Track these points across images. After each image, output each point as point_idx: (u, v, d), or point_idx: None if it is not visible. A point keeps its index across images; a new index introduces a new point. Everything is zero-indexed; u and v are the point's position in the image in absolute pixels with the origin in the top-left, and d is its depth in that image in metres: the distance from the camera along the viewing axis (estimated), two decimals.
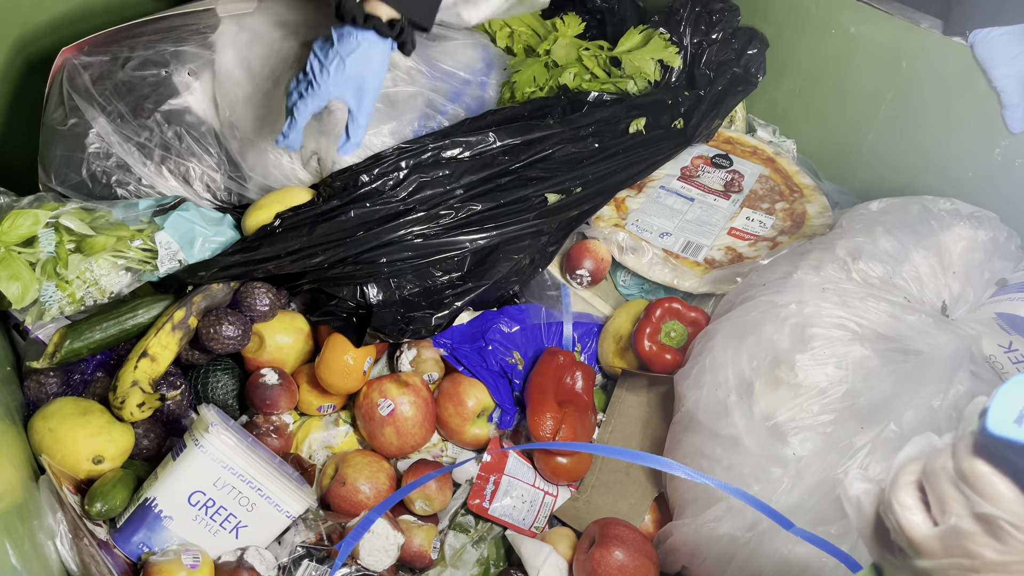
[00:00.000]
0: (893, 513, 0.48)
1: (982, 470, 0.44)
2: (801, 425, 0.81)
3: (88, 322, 0.98)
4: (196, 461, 0.88)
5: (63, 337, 0.96)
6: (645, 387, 1.07)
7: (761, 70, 1.28)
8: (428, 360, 1.07)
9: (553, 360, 1.07)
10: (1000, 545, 0.43)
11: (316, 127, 1.04)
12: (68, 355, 0.96)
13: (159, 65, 1.04)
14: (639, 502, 0.99)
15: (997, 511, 0.43)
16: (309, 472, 1.00)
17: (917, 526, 0.47)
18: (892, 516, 0.48)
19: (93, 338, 0.98)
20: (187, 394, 1.03)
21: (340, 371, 1.00)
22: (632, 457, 0.71)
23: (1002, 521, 0.43)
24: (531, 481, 1.01)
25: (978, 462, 0.44)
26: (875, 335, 0.83)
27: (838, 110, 1.24)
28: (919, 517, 0.47)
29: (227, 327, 0.99)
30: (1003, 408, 0.43)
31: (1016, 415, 0.42)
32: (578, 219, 1.15)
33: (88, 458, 0.92)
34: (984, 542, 0.44)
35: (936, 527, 0.46)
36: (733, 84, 1.26)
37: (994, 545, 0.43)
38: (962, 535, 0.44)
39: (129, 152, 1.04)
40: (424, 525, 0.97)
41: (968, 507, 0.44)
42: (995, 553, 0.43)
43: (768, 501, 0.79)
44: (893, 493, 0.48)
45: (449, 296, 1.04)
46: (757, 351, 0.86)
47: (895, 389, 0.79)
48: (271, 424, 1.02)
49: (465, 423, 1.04)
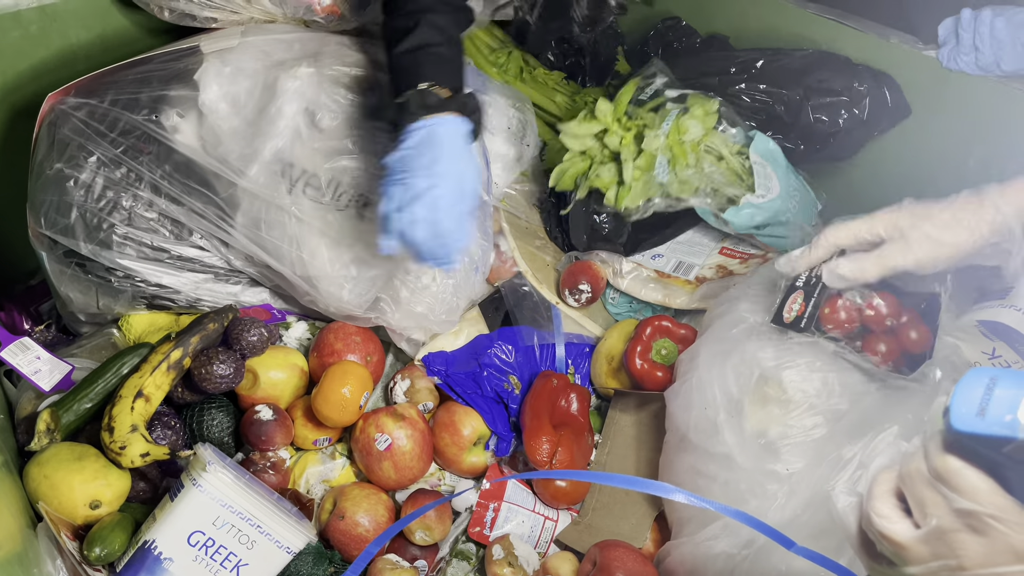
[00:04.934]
0: (873, 525, 0.49)
1: (954, 466, 0.44)
2: (793, 441, 0.82)
3: (75, 396, 0.98)
4: (195, 501, 0.88)
5: (54, 416, 0.96)
6: (639, 406, 1.08)
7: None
8: (423, 390, 1.08)
9: (547, 383, 1.07)
10: (983, 538, 0.44)
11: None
12: (65, 432, 0.96)
13: (146, 108, 1.05)
14: (640, 522, 1.00)
15: (975, 505, 0.44)
16: (308, 507, 1.00)
17: (899, 533, 0.47)
18: (873, 528, 0.49)
19: (84, 408, 0.98)
20: (182, 433, 1.03)
21: (337, 404, 1.00)
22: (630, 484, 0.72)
23: (982, 514, 0.43)
24: (531, 507, 1.01)
25: (949, 458, 0.45)
26: None
27: None
28: (899, 525, 0.48)
29: (219, 366, 0.99)
30: (964, 404, 0.44)
31: (976, 408, 0.43)
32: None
33: (85, 503, 0.91)
34: (967, 538, 0.44)
35: (918, 531, 0.47)
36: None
37: (977, 540, 0.44)
38: (945, 534, 0.45)
39: (119, 195, 1.04)
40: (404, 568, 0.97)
41: (947, 505, 0.45)
42: (980, 547, 0.44)
43: (764, 517, 0.80)
44: (870, 505, 0.49)
45: None
46: (742, 369, 0.87)
47: (882, 403, 0.80)
48: (267, 460, 1.02)
49: (462, 452, 1.04)
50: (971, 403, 0.43)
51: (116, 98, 1.06)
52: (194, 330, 1.01)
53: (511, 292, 1.18)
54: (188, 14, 1.11)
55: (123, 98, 1.05)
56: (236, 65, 1.07)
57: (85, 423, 0.99)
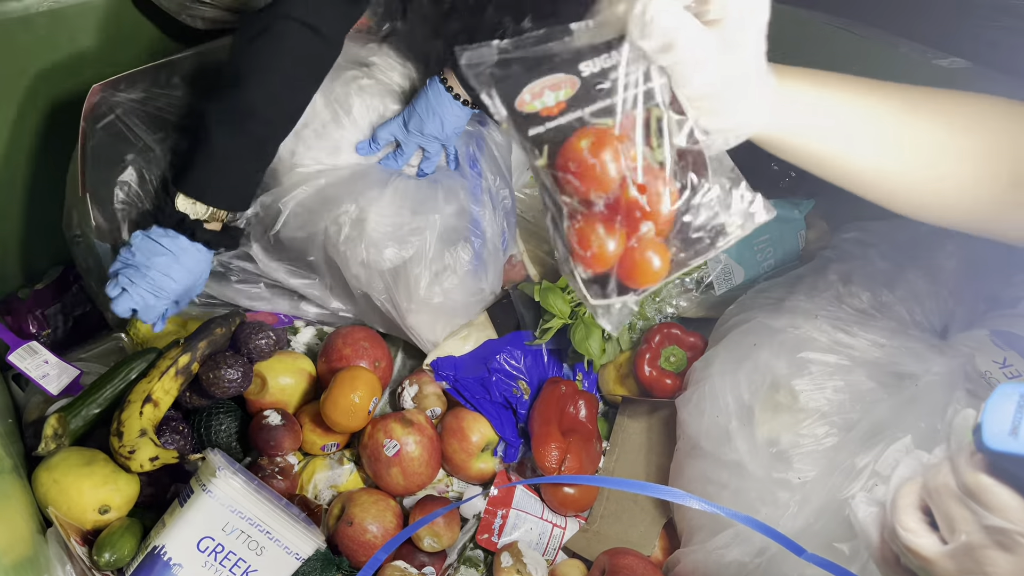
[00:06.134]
0: (899, 538, 0.48)
1: (985, 483, 0.44)
2: (804, 450, 0.82)
3: (83, 400, 0.98)
4: (204, 506, 0.88)
5: (61, 421, 0.96)
6: (647, 413, 1.08)
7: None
8: (431, 395, 1.08)
9: (555, 390, 1.07)
10: (1012, 556, 0.43)
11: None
12: (73, 437, 0.96)
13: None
14: (648, 530, 1.00)
15: (1006, 522, 0.43)
16: (316, 513, 1.00)
17: (926, 548, 0.47)
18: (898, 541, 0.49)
19: (92, 413, 0.98)
20: (190, 438, 1.03)
21: (347, 410, 1.00)
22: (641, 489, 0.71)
23: (1013, 532, 0.43)
24: (539, 514, 1.01)
25: (981, 475, 0.44)
26: (869, 359, 0.85)
27: None
28: (926, 539, 0.47)
29: (227, 371, 0.99)
30: (996, 422, 0.44)
31: (1010, 427, 0.43)
32: None
33: (94, 508, 0.91)
34: (996, 555, 0.44)
35: (946, 546, 0.46)
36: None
37: (1006, 557, 0.44)
38: (974, 550, 0.45)
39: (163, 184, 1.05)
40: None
41: (976, 522, 0.45)
42: (1009, 564, 0.44)
43: (776, 525, 0.80)
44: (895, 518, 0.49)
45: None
46: (755, 376, 0.87)
47: (894, 412, 0.80)
48: (276, 466, 1.02)
49: (470, 458, 1.04)
50: (1003, 421, 0.43)
51: (172, 91, 1.07)
52: (202, 335, 1.01)
53: (520, 296, 1.18)
54: (220, 20, 1.13)
55: (177, 92, 1.07)
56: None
57: (93, 428, 0.99)
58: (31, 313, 1.25)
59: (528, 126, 0.49)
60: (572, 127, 0.49)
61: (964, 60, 1.08)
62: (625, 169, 0.49)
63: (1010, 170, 0.60)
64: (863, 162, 0.60)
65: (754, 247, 1.10)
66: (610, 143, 0.48)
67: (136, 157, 1.03)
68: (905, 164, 0.60)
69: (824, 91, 0.58)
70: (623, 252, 0.51)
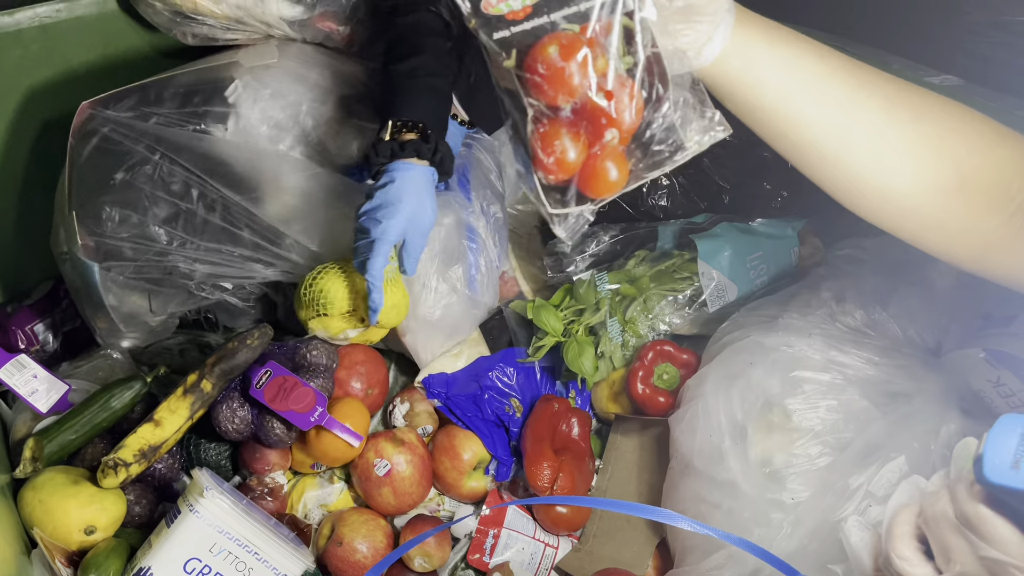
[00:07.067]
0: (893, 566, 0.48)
1: (984, 514, 0.44)
2: (798, 470, 0.82)
3: (60, 426, 0.96)
4: (191, 527, 0.86)
5: (39, 443, 0.94)
6: (640, 431, 1.07)
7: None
8: (422, 413, 1.07)
9: (548, 408, 1.07)
10: None
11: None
12: (47, 461, 0.95)
13: (195, 118, 1.05)
14: (641, 550, 0.99)
15: (1003, 555, 0.43)
16: (305, 533, 0.99)
17: None
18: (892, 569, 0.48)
19: (68, 439, 0.96)
20: (179, 457, 1.02)
21: (337, 448, 0.99)
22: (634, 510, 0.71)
23: (1009, 564, 0.43)
24: (531, 533, 1.00)
25: (979, 506, 0.44)
26: (863, 378, 0.84)
27: None
28: (921, 569, 0.47)
29: (224, 411, 0.97)
30: (997, 454, 0.43)
31: (1011, 460, 0.42)
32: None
33: (80, 528, 0.90)
34: None
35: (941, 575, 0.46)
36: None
37: None
38: None
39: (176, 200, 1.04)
40: None
41: (973, 553, 0.44)
42: None
43: (769, 546, 0.79)
44: (891, 546, 0.48)
45: None
46: (748, 395, 0.87)
47: (888, 431, 0.79)
48: (265, 486, 1.01)
49: (462, 476, 1.03)
50: (1004, 454, 0.42)
51: (163, 109, 1.06)
52: (216, 351, 1.00)
53: (513, 314, 1.18)
54: (211, 37, 1.12)
55: (168, 111, 1.06)
56: (275, 88, 1.08)
57: (69, 455, 0.97)
58: (20, 328, 1.24)
59: (494, 29, 0.49)
60: (543, 30, 0.49)
61: (957, 78, 1.08)
62: (594, 75, 0.49)
63: (956, 174, 0.58)
64: (803, 131, 0.58)
65: (747, 264, 1.10)
66: (580, 48, 0.48)
67: (124, 176, 1.02)
68: (847, 146, 0.59)
69: (777, 46, 0.57)
70: (585, 160, 0.51)
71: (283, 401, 0.94)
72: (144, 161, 1.03)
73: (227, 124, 1.05)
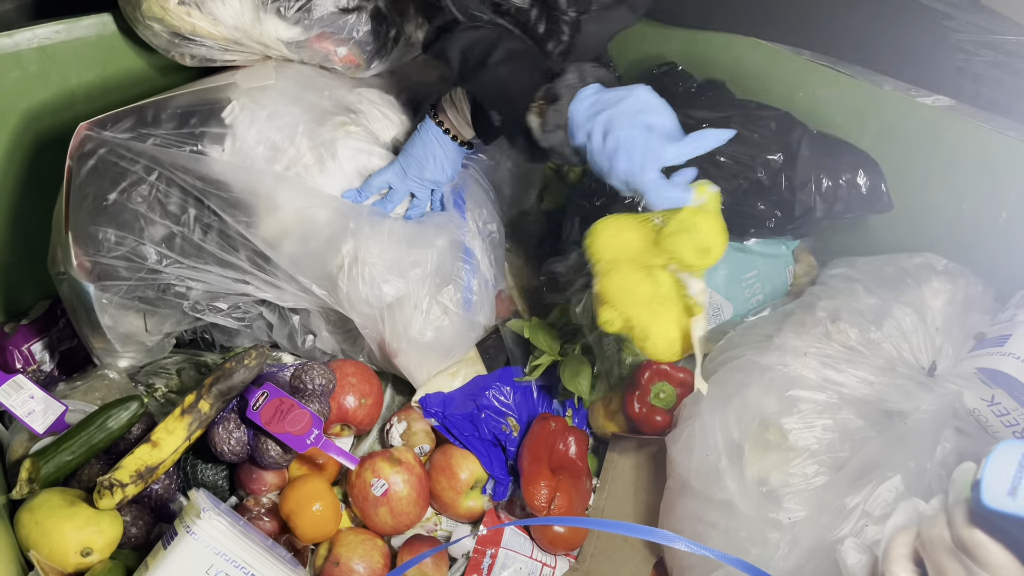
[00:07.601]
0: None
1: (980, 539, 0.44)
2: (794, 489, 0.82)
3: (56, 447, 0.96)
4: (188, 549, 0.86)
5: (35, 464, 0.94)
6: (637, 449, 1.08)
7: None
8: (419, 432, 1.07)
9: (545, 426, 1.07)
10: None
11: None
12: (44, 483, 0.94)
13: (187, 141, 1.06)
14: (639, 569, 0.99)
15: None
16: (302, 553, 0.99)
17: None
18: None
19: (64, 460, 0.96)
20: (176, 477, 1.02)
21: (314, 521, 0.98)
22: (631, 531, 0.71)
23: None
24: (528, 553, 1.00)
25: (976, 531, 0.44)
26: (858, 397, 0.85)
27: None
28: None
29: (220, 433, 0.97)
30: (995, 481, 0.43)
31: (1009, 487, 0.43)
32: None
33: (76, 550, 0.89)
34: None
35: None
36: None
37: None
38: None
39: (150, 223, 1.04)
40: None
41: None
42: None
43: (766, 566, 0.79)
44: (887, 568, 0.48)
45: None
46: (744, 414, 0.87)
47: (883, 451, 0.80)
48: (262, 507, 1.01)
49: (459, 496, 1.03)
50: (1002, 480, 0.43)
51: (160, 130, 1.06)
52: (213, 371, 0.99)
53: (510, 333, 1.18)
54: (209, 58, 1.13)
55: (165, 131, 1.06)
56: (272, 109, 1.08)
57: (65, 476, 0.97)
58: (17, 348, 1.24)
59: None
60: None
61: (948, 98, 1.09)
62: None
63: None
64: None
65: (743, 283, 1.10)
66: None
67: (120, 196, 1.03)
68: None
69: None
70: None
71: (279, 423, 0.94)
72: (140, 182, 1.03)
73: (224, 145, 1.06)
